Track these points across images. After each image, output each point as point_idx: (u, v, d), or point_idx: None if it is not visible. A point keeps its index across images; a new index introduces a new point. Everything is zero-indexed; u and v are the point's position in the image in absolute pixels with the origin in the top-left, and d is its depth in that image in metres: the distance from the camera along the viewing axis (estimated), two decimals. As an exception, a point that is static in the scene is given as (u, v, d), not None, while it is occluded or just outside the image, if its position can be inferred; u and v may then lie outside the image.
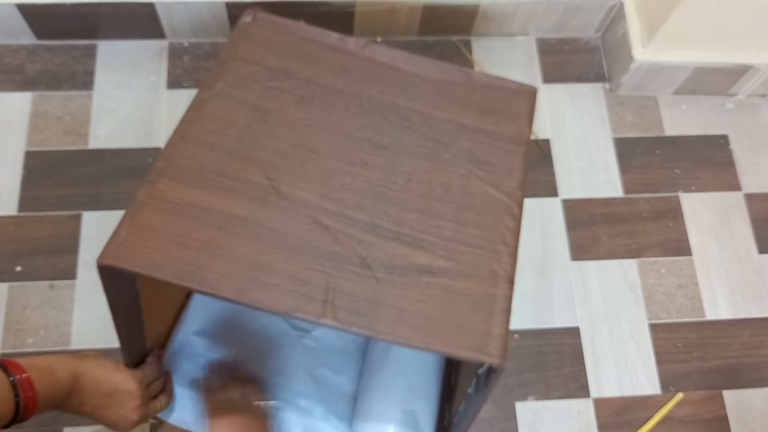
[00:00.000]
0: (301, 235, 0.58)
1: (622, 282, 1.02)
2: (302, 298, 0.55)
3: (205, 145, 0.62)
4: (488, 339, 0.56)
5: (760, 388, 0.98)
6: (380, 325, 0.55)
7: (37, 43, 1.09)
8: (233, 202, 0.59)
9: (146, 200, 0.58)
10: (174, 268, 0.55)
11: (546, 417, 0.93)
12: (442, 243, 0.60)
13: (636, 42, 1.07)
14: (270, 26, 0.71)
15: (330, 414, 0.82)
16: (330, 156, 0.64)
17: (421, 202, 0.62)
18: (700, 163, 1.11)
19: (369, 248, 0.59)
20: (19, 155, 1.01)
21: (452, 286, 0.58)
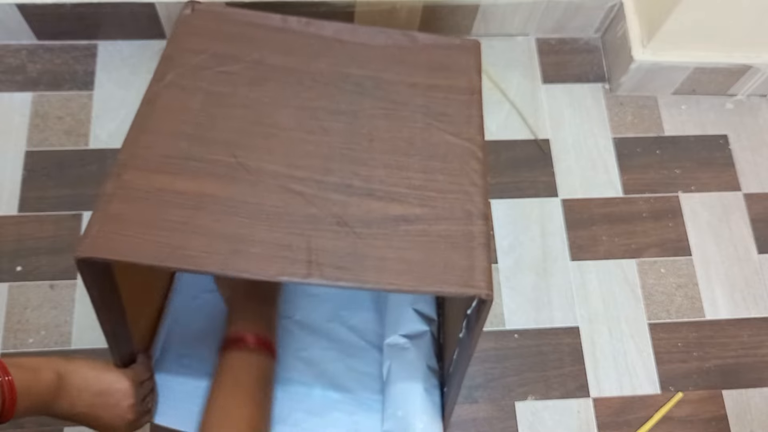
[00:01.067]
0: (275, 204, 0.59)
1: (622, 282, 1.02)
2: (286, 261, 0.56)
3: (164, 134, 0.62)
4: (472, 273, 0.57)
5: (760, 387, 0.98)
6: (366, 275, 0.56)
7: (37, 43, 1.09)
8: (203, 182, 0.60)
9: (114, 191, 0.58)
10: (153, 251, 0.55)
11: (546, 416, 0.94)
12: (414, 192, 0.62)
13: (636, 42, 1.08)
14: (211, 16, 0.72)
15: (329, 389, 0.82)
16: (290, 128, 0.65)
17: (387, 157, 0.64)
18: (700, 163, 1.11)
19: (343, 207, 0.60)
20: (20, 155, 1.02)
21: (430, 230, 0.60)
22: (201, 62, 0.68)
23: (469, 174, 0.64)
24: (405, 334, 0.84)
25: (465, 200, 0.62)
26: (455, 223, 0.61)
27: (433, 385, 0.81)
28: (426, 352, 0.83)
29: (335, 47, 0.72)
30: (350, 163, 0.63)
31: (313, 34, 0.72)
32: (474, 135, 0.67)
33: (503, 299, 0.99)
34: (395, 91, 0.69)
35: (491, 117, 1.11)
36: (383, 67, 0.71)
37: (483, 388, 0.94)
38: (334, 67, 0.70)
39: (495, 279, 1.00)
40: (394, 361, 0.82)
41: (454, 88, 0.70)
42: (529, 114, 1.12)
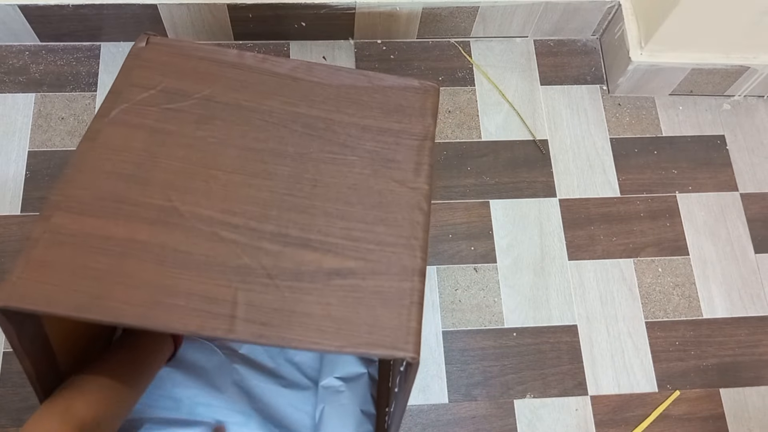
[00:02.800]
0: (205, 253, 0.58)
1: (620, 281, 1.03)
2: (208, 315, 0.54)
3: (102, 174, 0.60)
4: (401, 334, 0.56)
5: (757, 386, 0.99)
6: (289, 333, 0.55)
7: (40, 44, 1.10)
8: (134, 227, 0.58)
9: (41, 236, 0.56)
10: (73, 301, 0.53)
11: (544, 414, 0.94)
12: (351, 244, 0.60)
13: (633, 44, 1.08)
14: (165, 49, 0.70)
15: (267, 423, 0.82)
16: (233, 171, 0.63)
17: (329, 205, 0.62)
18: (697, 164, 1.12)
19: (276, 258, 0.58)
20: (23, 155, 1.02)
21: (363, 286, 0.58)
22: (148, 98, 0.66)
23: (412, 226, 0.62)
24: (340, 377, 0.83)
25: (403, 254, 0.60)
26: (390, 278, 0.59)
27: (367, 430, 0.81)
28: (361, 395, 0.82)
29: (289, 85, 0.70)
30: (290, 211, 0.61)
31: (268, 70, 0.70)
32: (421, 184, 0.65)
33: (502, 298, 1.00)
34: (345, 134, 0.67)
35: (490, 118, 1.12)
36: (336, 107, 0.69)
37: (482, 386, 0.95)
38: (285, 106, 0.68)
39: (494, 278, 1.01)
40: (327, 405, 0.81)
41: (406, 133, 0.68)
42: (528, 115, 1.13)
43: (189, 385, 0.83)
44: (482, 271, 1.01)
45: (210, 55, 0.70)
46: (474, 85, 1.14)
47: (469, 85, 1.14)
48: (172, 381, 0.82)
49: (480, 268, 1.01)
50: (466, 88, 1.14)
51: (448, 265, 1.01)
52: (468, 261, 1.02)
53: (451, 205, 1.05)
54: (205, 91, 0.67)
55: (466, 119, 1.11)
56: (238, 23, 1.07)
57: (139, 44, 0.70)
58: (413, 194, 0.64)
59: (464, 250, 1.02)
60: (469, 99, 1.13)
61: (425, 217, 0.63)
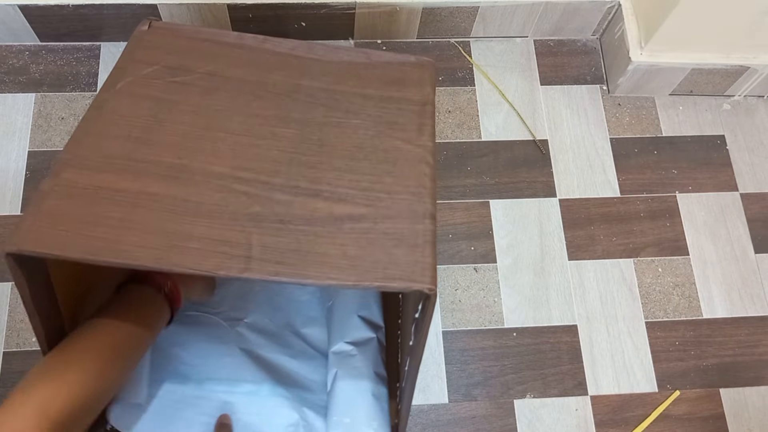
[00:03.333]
0: (217, 202, 0.59)
1: (620, 281, 1.03)
2: (224, 256, 0.55)
3: (109, 137, 0.61)
4: (416, 268, 0.57)
5: (757, 386, 0.99)
6: (307, 270, 0.55)
7: (40, 44, 1.10)
8: (144, 181, 0.59)
9: (51, 189, 0.57)
10: (86, 246, 0.53)
11: (544, 414, 0.94)
12: (361, 194, 0.62)
13: (633, 44, 1.08)
14: (167, 33, 0.71)
15: (277, 387, 0.82)
16: (240, 134, 0.64)
17: (337, 161, 0.64)
18: (697, 164, 1.12)
19: (288, 206, 0.59)
20: (23, 155, 1.02)
21: (375, 228, 0.59)
22: (153, 72, 0.67)
23: (419, 177, 0.64)
24: (351, 341, 0.83)
25: (413, 201, 0.62)
26: (401, 221, 0.60)
27: (382, 392, 0.80)
28: (373, 358, 0.83)
29: (290, 62, 0.71)
30: (298, 166, 0.63)
31: (269, 50, 0.72)
32: (426, 142, 0.67)
33: (502, 298, 1.00)
34: (348, 101, 0.69)
35: (490, 118, 1.12)
36: (337, 80, 0.70)
37: (482, 386, 0.95)
38: (287, 79, 0.69)
39: (494, 278, 1.01)
40: (340, 368, 0.81)
41: (406, 100, 0.70)
42: (528, 115, 1.13)
43: (196, 361, 0.83)
44: (482, 271, 1.01)
45: (211, 37, 0.72)
46: (474, 85, 1.14)
47: (469, 85, 1.14)
48: (178, 358, 0.82)
49: (480, 268, 1.02)
50: (466, 88, 1.14)
51: (448, 265, 1.01)
52: (468, 261, 1.02)
53: (451, 205, 1.05)
54: (208, 67, 0.69)
55: (466, 119, 1.11)
56: (238, 23, 1.07)
57: (142, 27, 0.71)
58: (418, 150, 0.66)
59: (464, 250, 1.02)
60: (469, 99, 1.13)
61: (431, 170, 0.64)
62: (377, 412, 0.77)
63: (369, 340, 0.84)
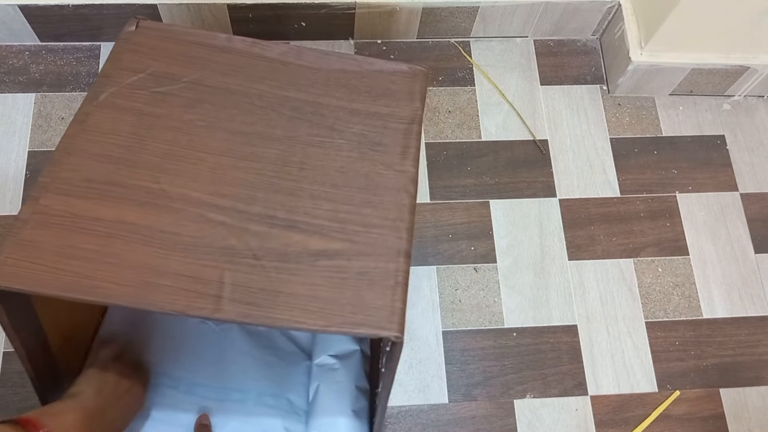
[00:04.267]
0: (193, 234, 0.58)
1: (620, 281, 1.03)
2: (194, 295, 0.55)
3: (90, 157, 0.61)
4: (385, 314, 0.56)
5: (757, 386, 0.99)
6: (275, 313, 0.55)
7: (40, 44, 1.10)
8: (122, 209, 0.58)
9: (30, 217, 0.56)
10: (61, 281, 0.54)
11: (544, 414, 0.94)
12: (338, 226, 0.61)
13: (633, 44, 1.08)
14: (155, 33, 0.70)
15: (263, 396, 0.82)
16: (221, 153, 0.63)
17: (316, 188, 0.63)
18: (697, 164, 1.12)
19: (263, 239, 0.59)
20: (23, 155, 1.02)
21: (348, 267, 0.59)
22: (137, 82, 0.66)
23: (399, 208, 0.63)
24: (334, 354, 0.83)
25: (389, 236, 0.61)
26: (376, 259, 0.59)
27: (362, 406, 0.81)
28: (355, 372, 0.83)
29: (278, 69, 0.70)
30: (277, 193, 0.62)
31: (258, 54, 0.71)
32: (408, 167, 0.66)
33: (502, 298, 1.00)
34: (334, 117, 0.68)
35: (490, 118, 1.12)
36: (324, 91, 0.69)
37: (482, 386, 0.95)
38: (274, 90, 0.68)
39: (494, 278, 1.01)
40: (322, 382, 0.82)
41: (393, 117, 0.69)
42: (528, 115, 1.13)
43: (185, 365, 0.83)
44: (482, 271, 1.01)
45: (200, 39, 0.70)
46: (474, 85, 1.14)
47: (469, 85, 1.14)
48: (169, 361, 0.83)
49: (480, 268, 1.01)
50: (466, 88, 1.14)
51: (448, 265, 1.01)
52: (468, 261, 1.02)
53: (451, 205, 1.05)
54: (195, 74, 0.68)
55: (466, 119, 1.11)
56: (237, 23, 1.07)
57: (129, 28, 0.70)
58: (400, 177, 0.65)
59: (464, 250, 1.02)
60: (469, 99, 1.13)
61: (411, 200, 0.64)
62: (356, 427, 0.78)
63: (353, 353, 0.84)
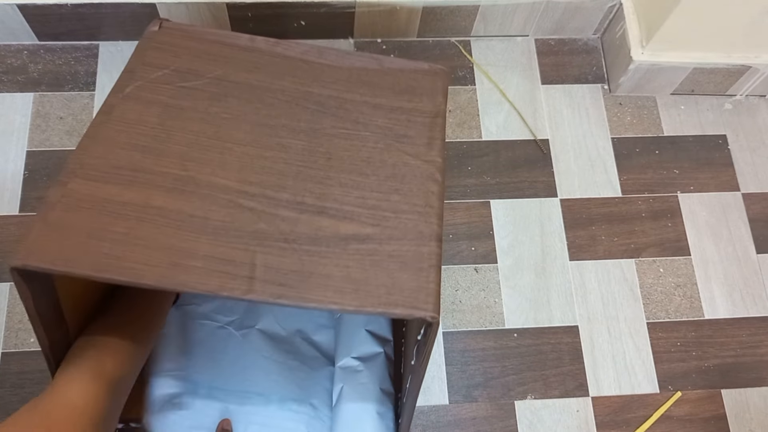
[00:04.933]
0: (222, 218, 0.58)
1: (621, 281, 1.02)
2: (226, 276, 0.55)
3: (117, 145, 0.61)
4: (419, 294, 0.56)
5: (759, 387, 0.98)
6: (309, 294, 0.55)
7: (38, 43, 1.09)
8: (150, 194, 0.58)
9: (58, 200, 0.56)
10: (91, 261, 0.53)
11: (545, 415, 0.94)
12: (367, 212, 0.61)
13: (635, 43, 1.08)
14: (178, 33, 0.70)
15: (286, 400, 0.82)
16: (247, 144, 0.64)
17: (344, 176, 0.63)
18: (699, 164, 1.11)
19: (293, 224, 0.59)
20: (21, 155, 1.02)
21: (380, 250, 0.58)
22: (163, 77, 0.66)
23: (427, 195, 0.63)
24: (357, 356, 0.83)
25: (419, 221, 0.61)
26: (407, 243, 0.59)
27: (387, 408, 0.80)
28: (379, 374, 0.82)
29: (300, 67, 0.70)
30: (305, 181, 0.62)
31: (280, 54, 0.71)
32: (434, 157, 0.66)
33: (503, 299, 0.99)
34: (357, 111, 0.68)
35: (491, 117, 1.11)
36: (347, 88, 0.70)
37: (482, 387, 0.94)
38: (297, 86, 0.69)
39: (494, 278, 1.00)
40: (346, 384, 0.81)
41: (417, 111, 0.69)
42: (529, 114, 1.12)
43: (206, 369, 0.83)
44: (483, 271, 1.01)
45: (222, 39, 0.71)
46: (474, 84, 1.14)
47: (470, 84, 1.13)
48: (190, 366, 0.83)
49: (480, 269, 1.01)
50: (467, 88, 1.13)
51: (449, 266, 1.01)
52: (468, 261, 1.01)
53: (452, 205, 1.05)
54: (218, 71, 0.68)
55: (467, 118, 1.11)
56: (237, 22, 1.07)
57: (152, 28, 0.71)
58: (427, 166, 0.65)
59: (465, 251, 1.02)
60: (469, 98, 1.12)
61: (439, 187, 0.64)
62: (382, 429, 0.77)
63: (376, 355, 0.83)
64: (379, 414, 0.78)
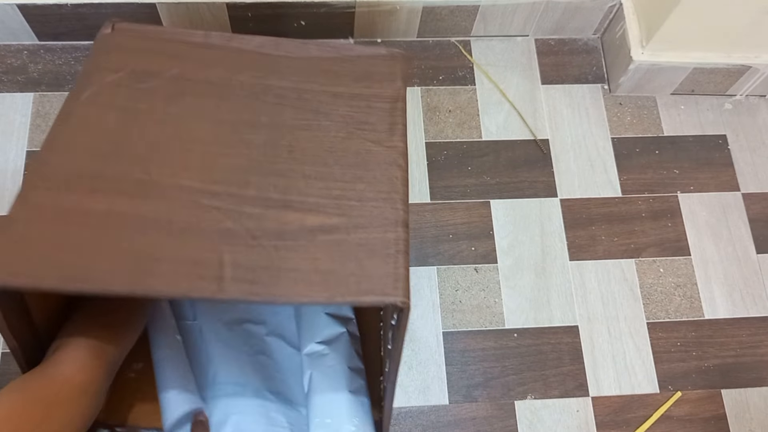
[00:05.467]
0: (187, 220, 0.58)
1: (621, 281, 1.02)
2: (195, 277, 0.54)
3: (76, 152, 0.60)
4: (389, 281, 0.56)
5: (759, 387, 0.98)
6: (279, 289, 0.55)
7: (38, 43, 1.09)
8: (113, 201, 0.58)
9: (19, 215, 0.56)
10: (59, 274, 0.53)
11: (545, 416, 0.94)
12: (333, 202, 0.61)
13: (635, 43, 1.08)
14: (132, 34, 0.70)
15: (262, 390, 0.81)
16: (209, 143, 0.63)
17: (307, 168, 0.63)
18: (699, 164, 1.11)
19: (259, 220, 0.59)
20: (21, 155, 1.02)
21: (348, 239, 0.58)
22: (118, 80, 0.65)
23: (391, 181, 0.63)
24: (321, 341, 0.83)
25: (385, 208, 0.61)
26: (374, 231, 0.59)
27: (359, 385, 0.81)
28: (346, 353, 0.83)
29: (257, 60, 0.70)
30: (268, 176, 0.62)
31: (236, 48, 0.70)
32: (396, 143, 0.66)
33: (503, 299, 0.99)
34: (317, 101, 0.68)
35: (491, 117, 1.11)
36: (306, 78, 0.69)
37: (482, 387, 0.94)
38: (255, 80, 0.68)
39: (494, 278, 1.00)
40: (314, 370, 0.81)
41: (377, 97, 0.69)
42: (529, 114, 1.12)
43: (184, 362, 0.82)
44: (483, 271, 1.01)
45: (177, 37, 0.70)
46: (474, 84, 1.14)
47: (470, 84, 1.13)
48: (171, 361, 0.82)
49: (480, 269, 1.01)
50: (467, 88, 1.13)
51: (449, 266, 1.01)
52: (468, 261, 1.01)
53: (452, 205, 1.05)
54: (174, 70, 0.67)
55: (467, 119, 1.11)
56: (237, 22, 1.07)
57: (105, 31, 0.70)
58: (390, 152, 0.65)
59: (465, 251, 1.02)
60: (469, 98, 1.12)
61: (403, 173, 0.64)
62: (357, 407, 0.77)
63: (340, 336, 0.83)
64: (351, 392, 0.78)
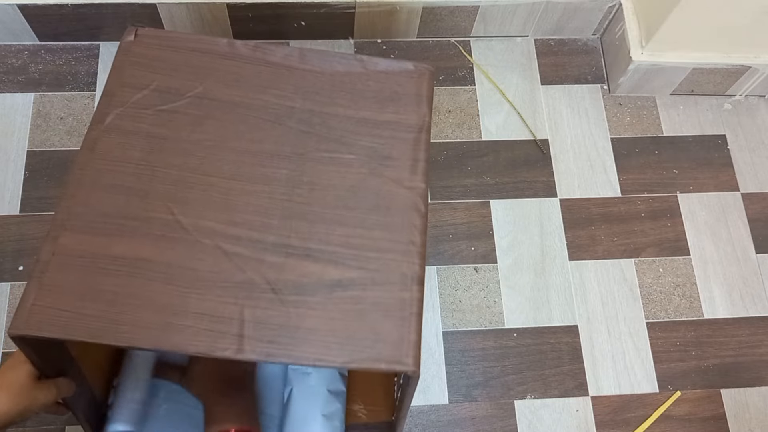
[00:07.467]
0: (210, 269, 0.59)
1: (620, 281, 1.02)
2: (217, 335, 0.56)
3: (103, 188, 0.61)
4: (402, 347, 0.58)
5: (758, 386, 0.98)
6: (296, 351, 0.56)
7: (39, 44, 1.09)
8: (138, 244, 0.59)
9: (50, 258, 0.57)
10: (87, 326, 0.55)
11: (545, 415, 0.94)
12: (351, 253, 0.61)
13: (634, 43, 1.08)
14: (154, 42, 0.69)
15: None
16: (231, 177, 0.63)
17: (328, 211, 0.63)
18: (698, 164, 1.12)
19: (279, 271, 0.59)
20: (22, 155, 1.02)
21: (364, 297, 0.59)
22: (142, 99, 0.66)
23: (410, 230, 0.63)
24: None
25: (402, 261, 0.61)
26: (389, 288, 0.60)
27: (335, 409, 0.83)
28: (328, 375, 0.85)
29: (282, 75, 0.69)
30: (289, 219, 0.62)
31: (261, 59, 0.70)
32: (418, 183, 0.66)
33: (502, 298, 1.00)
34: (341, 129, 0.67)
35: (491, 117, 1.11)
36: (330, 99, 0.69)
37: (482, 387, 0.95)
38: (279, 101, 0.68)
39: (494, 278, 1.01)
40: (295, 386, 0.84)
41: (402, 125, 0.68)
42: (528, 115, 1.12)
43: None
44: (482, 271, 1.01)
45: (201, 46, 0.70)
46: (474, 84, 1.14)
47: (470, 84, 1.14)
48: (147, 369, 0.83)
49: (480, 269, 1.01)
50: (467, 88, 1.13)
51: (449, 266, 1.01)
52: (468, 261, 1.01)
53: (452, 205, 1.05)
54: (198, 88, 0.67)
55: (467, 119, 1.11)
56: (237, 22, 1.07)
57: (128, 38, 0.69)
58: (410, 194, 0.65)
59: (464, 251, 1.02)
60: (469, 98, 1.13)
61: (422, 219, 0.64)
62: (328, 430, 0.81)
63: None
64: (324, 416, 0.81)
